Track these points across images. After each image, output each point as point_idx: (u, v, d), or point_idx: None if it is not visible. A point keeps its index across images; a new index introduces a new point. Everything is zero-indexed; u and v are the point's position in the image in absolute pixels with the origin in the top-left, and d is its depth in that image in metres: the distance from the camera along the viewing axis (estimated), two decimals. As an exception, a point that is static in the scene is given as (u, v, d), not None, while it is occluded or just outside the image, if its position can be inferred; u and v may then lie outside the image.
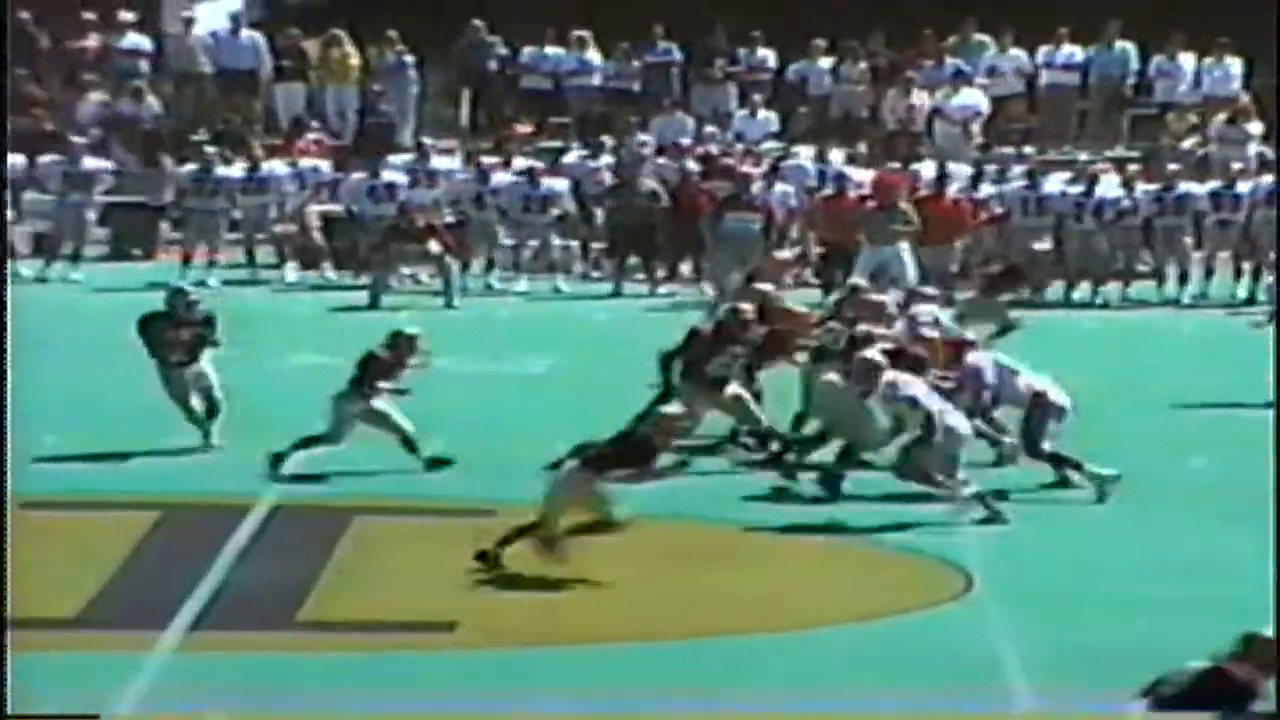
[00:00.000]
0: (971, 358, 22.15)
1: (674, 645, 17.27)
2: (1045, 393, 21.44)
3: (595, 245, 33.86)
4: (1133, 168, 34.17)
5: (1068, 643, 17.16)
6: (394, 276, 32.27)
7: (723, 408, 22.61)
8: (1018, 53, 37.40)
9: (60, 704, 15.03)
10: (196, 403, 22.86)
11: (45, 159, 34.19)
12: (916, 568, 19.37)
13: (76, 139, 35.05)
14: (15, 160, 33.78)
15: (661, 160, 34.51)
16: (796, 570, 19.37)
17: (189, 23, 38.40)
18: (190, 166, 34.14)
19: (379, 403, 21.88)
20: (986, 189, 33.49)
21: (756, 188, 33.07)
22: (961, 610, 18.21)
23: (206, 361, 22.91)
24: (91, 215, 34.15)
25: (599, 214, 33.69)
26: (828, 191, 33.55)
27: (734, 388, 22.65)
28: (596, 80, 37.33)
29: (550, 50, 37.37)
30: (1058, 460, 21.43)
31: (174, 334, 22.82)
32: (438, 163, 34.22)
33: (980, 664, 16.67)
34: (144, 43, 37.64)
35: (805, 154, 34.71)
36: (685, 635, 17.45)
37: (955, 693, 16.16)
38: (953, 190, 33.24)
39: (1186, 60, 36.83)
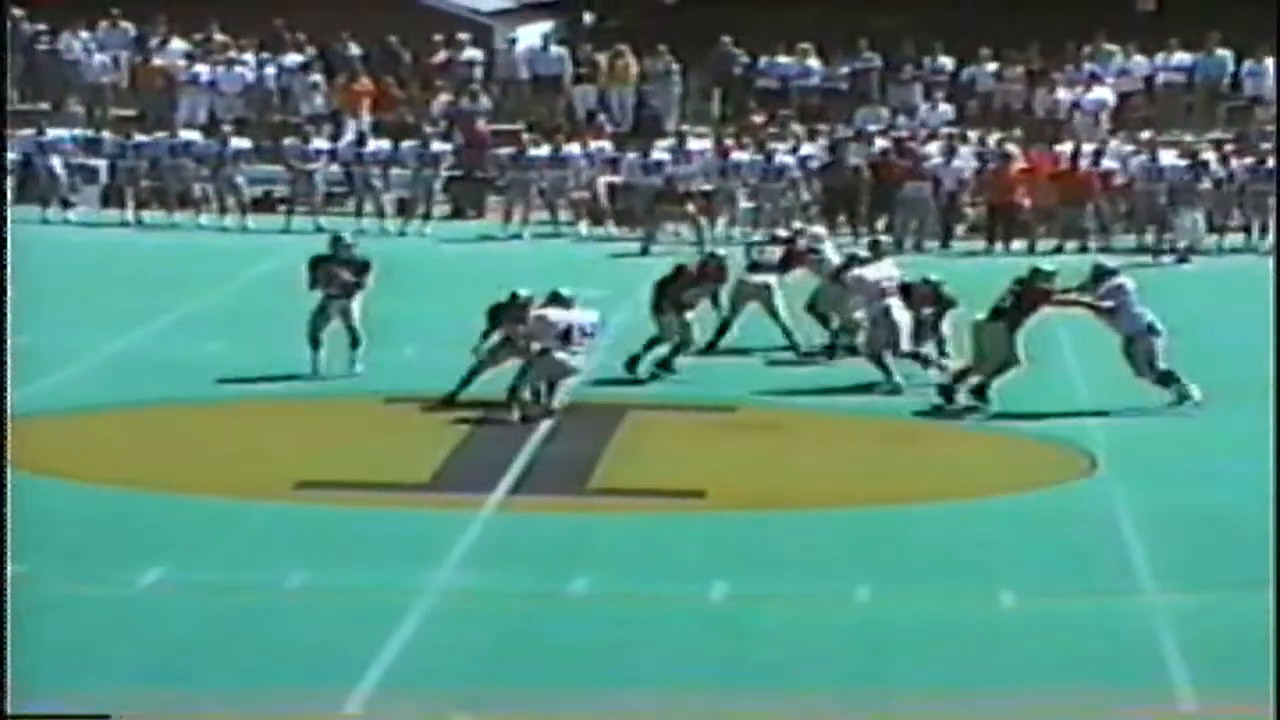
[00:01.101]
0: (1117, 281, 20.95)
1: (877, 510, 17.17)
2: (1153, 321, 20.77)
3: (814, 208, 33.60)
4: (1229, 147, 33.63)
5: (1171, 507, 16.96)
6: (660, 232, 32.27)
7: (673, 326, 21.90)
8: (1139, 59, 36.76)
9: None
10: (331, 333, 21.69)
11: (406, 144, 34.40)
12: (1049, 450, 19.13)
13: (429, 128, 35.25)
14: (384, 144, 34.07)
15: (860, 143, 34.28)
16: (961, 450, 19.20)
17: (512, 41, 38.52)
18: (509, 149, 34.25)
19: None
20: (1108, 163, 33.01)
21: (932, 164, 32.88)
22: (1091, 484, 18.00)
23: (356, 301, 21.76)
24: (438, 185, 34.38)
25: (817, 183, 33.48)
26: (993, 166, 33.19)
27: (693, 314, 22.08)
28: (815, 81, 37.07)
29: (781, 59, 37.15)
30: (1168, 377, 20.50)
31: (335, 271, 21.85)
32: (694, 145, 34.11)
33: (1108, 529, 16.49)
34: (479, 55, 37.73)
35: (974, 137, 34.35)
36: (884, 501, 17.34)
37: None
38: (1084, 165, 32.86)
39: (1269, 63, 36.14)
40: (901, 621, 14.20)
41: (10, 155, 34.60)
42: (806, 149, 33.91)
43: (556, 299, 20.49)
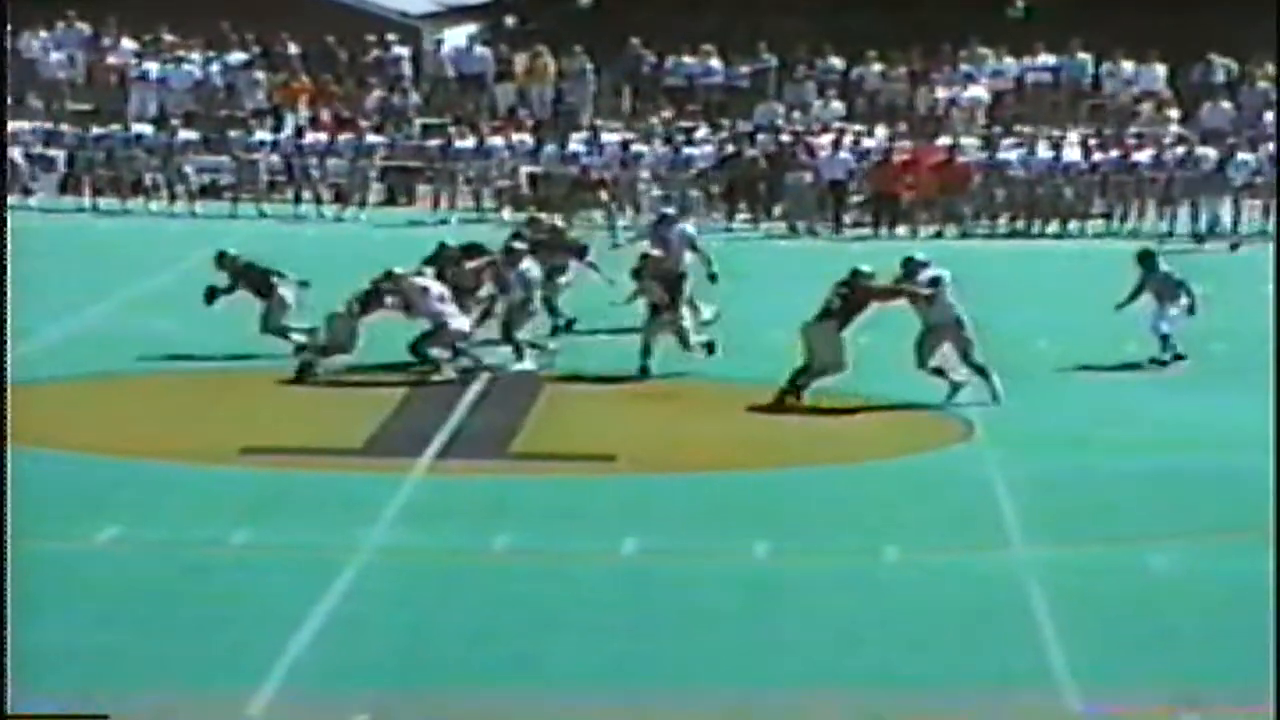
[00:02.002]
0: None
1: (772, 473, 17.21)
2: None
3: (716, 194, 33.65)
4: (1092, 142, 33.87)
5: (1041, 470, 17.05)
6: (575, 217, 32.21)
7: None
8: (1010, 60, 36.92)
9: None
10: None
11: (343, 136, 34.21)
12: (928, 418, 19.17)
13: (363, 122, 35.04)
14: (321, 136, 33.88)
15: (761, 136, 34.33)
16: (847, 418, 19.21)
17: (439, 42, 38.40)
18: (437, 141, 34.12)
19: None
20: (976, 154, 33.30)
21: (821, 156, 33.01)
22: (967, 449, 18.07)
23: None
24: (372, 174, 34.19)
25: (720, 174, 33.53)
26: (877, 158, 33.32)
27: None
28: (718, 80, 37.07)
29: (686, 59, 37.12)
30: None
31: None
32: (606, 138, 34.06)
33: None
34: (408, 54, 37.55)
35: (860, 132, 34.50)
36: (778, 465, 17.38)
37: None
38: (962, 157, 33.04)
39: (1126, 66, 36.36)
40: (795, 575, 14.23)
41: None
42: (707, 144, 33.93)
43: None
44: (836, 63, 36.97)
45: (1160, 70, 36.15)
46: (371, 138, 34.27)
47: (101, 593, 13.44)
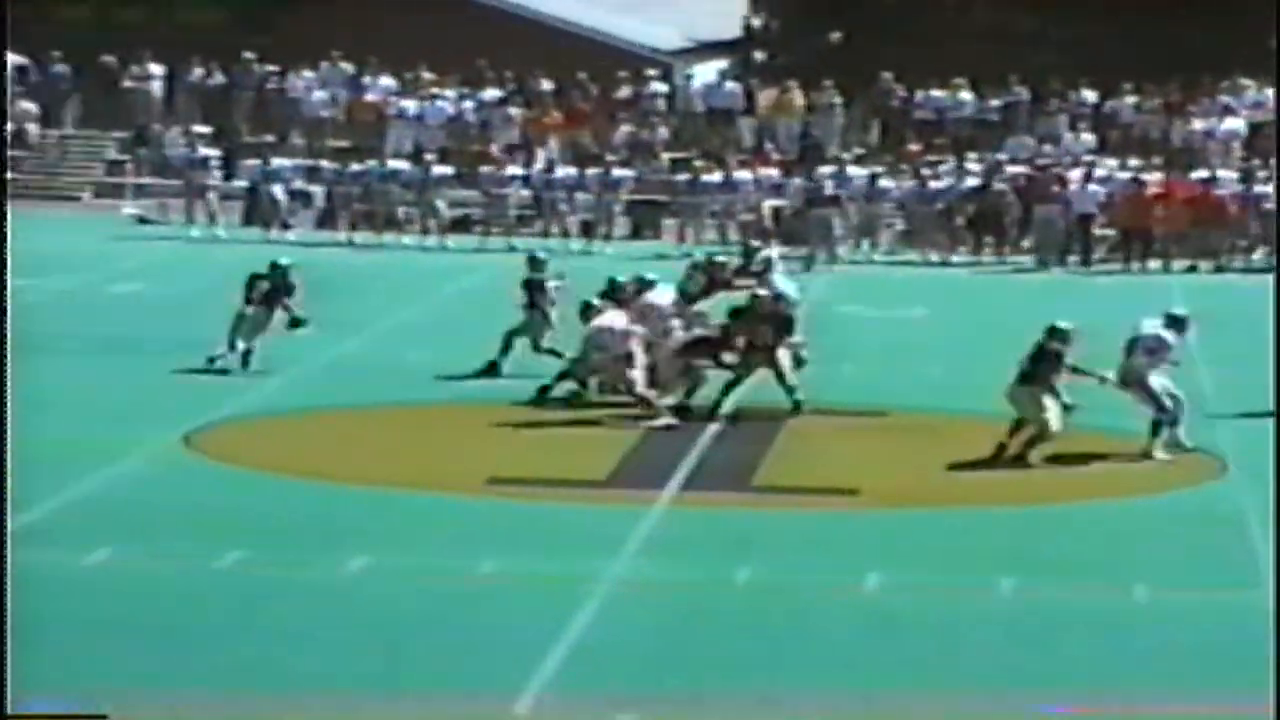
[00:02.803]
0: None
1: (1018, 509, 16.98)
2: None
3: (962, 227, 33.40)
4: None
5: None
6: (819, 251, 32.20)
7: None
8: (1270, 91, 36.12)
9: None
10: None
11: (591, 170, 34.53)
12: (1181, 454, 18.75)
13: (611, 156, 35.32)
14: (570, 170, 34.26)
15: (1010, 169, 34.00)
16: (1092, 455, 18.83)
17: (689, 77, 38.66)
18: (684, 175, 34.33)
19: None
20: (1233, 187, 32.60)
21: (1072, 188, 32.59)
22: (1222, 487, 17.66)
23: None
24: (618, 208, 34.45)
25: (969, 207, 33.26)
26: (1128, 191, 32.80)
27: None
28: (967, 113, 36.80)
29: (936, 93, 36.91)
30: None
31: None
32: (852, 171, 33.97)
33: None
34: (660, 89, 37.83)
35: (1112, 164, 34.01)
36: (1023, 501, 17.15)
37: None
38: (1218, 190, 32.42)
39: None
40: (1042, 612, 14.02)
41: (238, 183, 35.22)
42: (954, 177, 33.72)
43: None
44: (1089, 95, 36.50)
45: None
46: (618, 172, 34.55)
47: (351, 621, 13.66)
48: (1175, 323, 19.14)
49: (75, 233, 32.88)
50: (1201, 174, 33.26)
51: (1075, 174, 33.40)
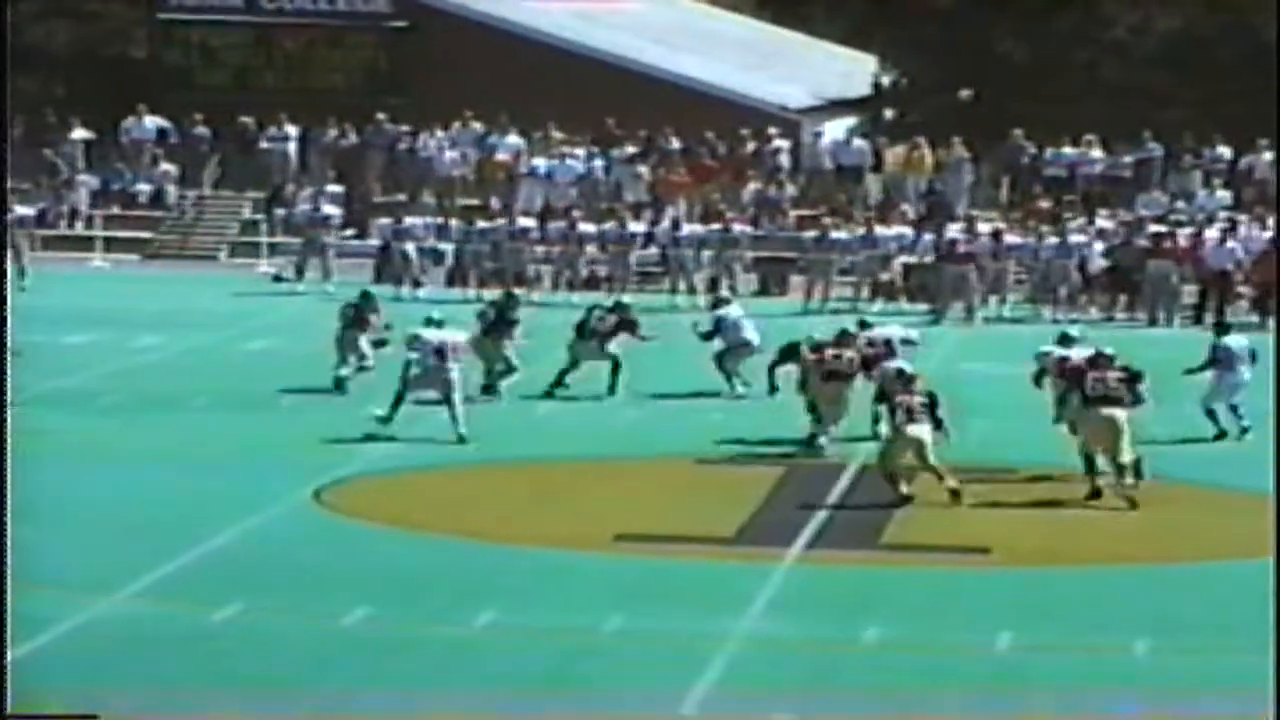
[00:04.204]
0: None
1: (1155, 567, 16.71)
2: None
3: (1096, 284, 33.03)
4: None
5: None
6: (949, 307, 31.98)
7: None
8: None
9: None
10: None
11: (715, 227, 34.53)
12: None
13: (731, 214, 35.25)
14: (697, 227, 34.28)
15: (1146, 226, 33.66)
16: (1221, 513, 18.53)
17: (818, 135, 38.58)
18: (812, 233, 34.26)
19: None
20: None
21: (1208, 246, 32.16)
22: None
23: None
24: (738, 266, 34.34)
25: (1102, 262, 32.93)
26: (1263, 249, 32.33)
27: None
28: (1098, 170, 36.48)
29: (1066, 149, 36.63)
30: None
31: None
32: (981, 228, 33.73)
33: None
34: (786, 146, 37.80)
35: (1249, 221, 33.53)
36: (1161, 559, 16.87)
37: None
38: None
39: None
40: (1177, 674, 13.76)
41: (371, 241, 35.53)
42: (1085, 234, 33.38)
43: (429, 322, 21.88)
44: (1224, 151, 36.06)
45: None
46: (742, 228, 34.51)
47: (479, 677, 13.63)
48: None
49: (210, 291, 33.25)
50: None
51: (1211, 231, 32.95)
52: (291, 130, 38.24)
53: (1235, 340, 22.48)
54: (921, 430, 18.90)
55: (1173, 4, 41.19)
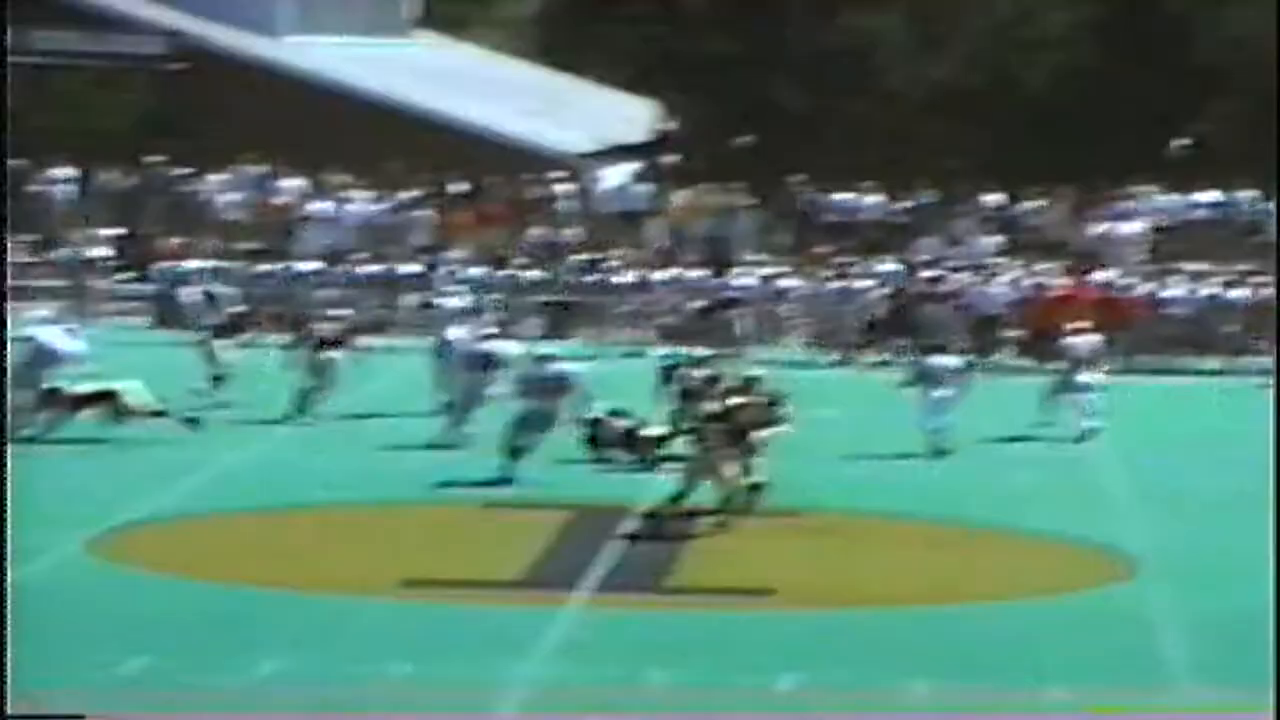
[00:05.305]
0: None
1: (933, 609, 16.96)
2: None
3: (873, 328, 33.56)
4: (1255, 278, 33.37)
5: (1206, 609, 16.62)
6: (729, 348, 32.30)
7: None
8: (1173, 196, 36.59)
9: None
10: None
11: (501, 273, 34.55)
12: (1088, 554, 18.76)
13: (519, 259, 35.28)
14: (478, 270, 34.28)
15: (920, 272, 34.25)
16: (1004, 554, 18.89)
17: (596, 180, 38.83)
18: (594, 276, 34.46)
19: None
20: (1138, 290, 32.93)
21: (978, 290, 32.84)
22: (1129, 588, 17.66)
23: None
24: (528, 309, 34.34)
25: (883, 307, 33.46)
26: (1030, 294, 33.14)
27: None
28: (876, 216, 37.12)
29: (846, 195, 37.22)
30: None
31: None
32: (760, 272, 34.13)
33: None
34: (568, 190, 37.93)
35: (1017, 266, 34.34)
36: (938, 601, 17.14)
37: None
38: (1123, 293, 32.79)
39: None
40: (957, 711, 13.95)
41: (149, 285, 34.99)
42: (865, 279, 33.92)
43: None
44: (996, 199, 36.86)
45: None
46: (528, 273, 34.58)
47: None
48: None
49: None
50: (1103, 276, 33.58)
51: (981, 275, 33.65)
52: (67, 172, 37.61)
53: (940, 359, 23.17)
54: (721, 463, 19.22)
55: (941, 56, 42.06)
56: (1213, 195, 36.47)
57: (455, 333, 25.82)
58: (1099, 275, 33.69)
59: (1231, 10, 40.84)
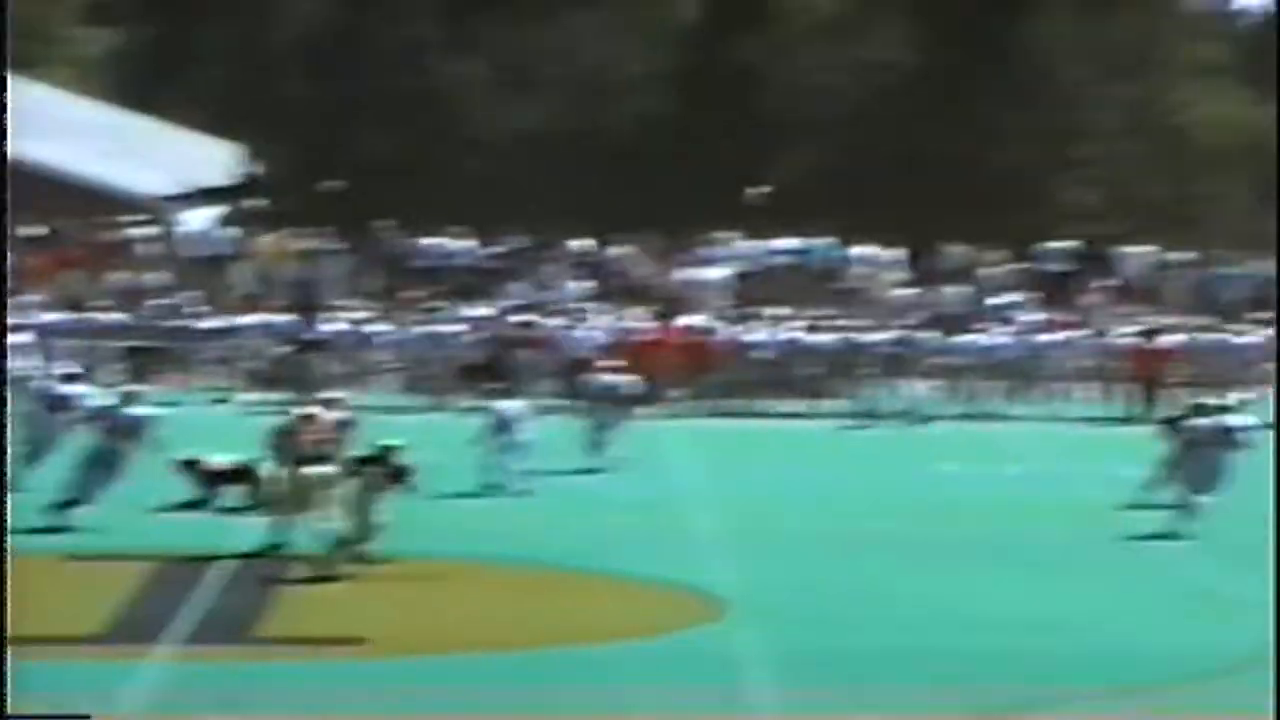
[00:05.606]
0: None
1: (524, 653, 16.96)
2: None
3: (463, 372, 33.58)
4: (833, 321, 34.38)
5: (798, 649, 16.93)
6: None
7: None
8: (753, 243, 37.53)
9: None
10: None
11: (77, 317, 33.59)
12: (677, 596, 18.99)
13: (99, 304, 34.34)
14: (59, 316, 33.21)
15: (510, 317, 34.40)
16: (599, 598, 19.02)
17: (177, 224, 38.13)
18: (179, 321, 33.71)
19: None
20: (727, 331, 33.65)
21: (563, 334, 33.13)
22: (719, 628, 17.91)
23: None
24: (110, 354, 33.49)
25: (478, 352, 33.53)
26: (618, 338, 33.59)
27: None
28: (466, 261, 37.19)
29: (438, 240, 37.22)
30: None
31: None
32: (349, 316, 33.89)
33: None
34: (149, 234, 37.13)
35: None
36: (529, 646, 17.15)
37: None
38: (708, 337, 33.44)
39: (867, 250, 37.20)
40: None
41: None
42: (456, 324, 33.92)
43: None
44: (584, 244, 37.28)
45: (898, 253, 36.98)
46: (110, 316, 33.68)
47: None
48: None
49: None
50: (689, 320, 34.20)
51: (569, 320, 33.96)
52: None
53: (511, 405, 23.74)
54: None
55: (527, 101, 42.42)
56: (791, 242, 37.49)
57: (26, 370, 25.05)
58: (685, 320, 34.32)
59: (801, 64, 42.13)
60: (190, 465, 22.46)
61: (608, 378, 26.86)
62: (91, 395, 23.61)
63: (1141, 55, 41.69)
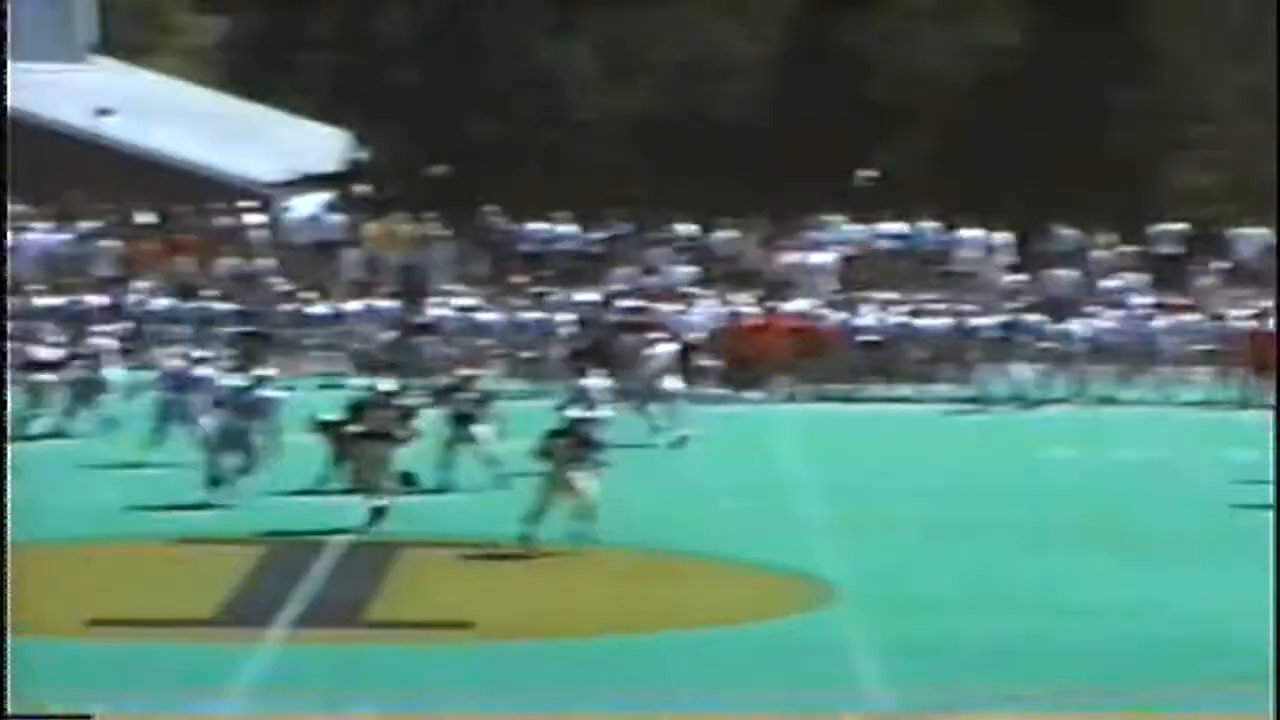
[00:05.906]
0: None
1: (633, 638, 16.99)
2: None
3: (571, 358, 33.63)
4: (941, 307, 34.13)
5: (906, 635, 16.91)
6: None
7: None
8: (858, 226, 37.36)
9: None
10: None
11: (190, 304, 33.96)
12: (787, 582, 18.99)
13: (211, 292, 34.68)
14: (166, 301, 33.56)
15: (616, 301, 34.43)
16: (701, 583, 19.03)
17: (287, 209, 38.40)
18: (289, 306, 34.05)
19: None
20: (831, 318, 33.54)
21: (673, 319, 33.07)
22: (827, 615, 17.89)
23: None
24: (218, 340, 33.78)
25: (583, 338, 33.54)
26: (726, 323, 33.53)
27: None
28: (571, 246, 37.26)
29: (539, 225, 37.31)
30: None
31: None
32: (457, 303, 34.03)
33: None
34: (259, 220, 37.45)
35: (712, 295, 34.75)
36: (638, 631, 17.17)
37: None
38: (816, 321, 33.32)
39: (975, 233, 36.95)
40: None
41: None
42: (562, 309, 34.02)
43: None
44: (688, 229, 37.26)
45: (1006, 237, 36.74)
46: (220, 304, 34.01)
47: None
48: None
49: None
50: (796, 305, 34.12)
51: (677, 304, 33.93)
52: None
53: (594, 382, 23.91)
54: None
55: (631, 86, 42.43)
56: (898, 226, 37.33)
57: (174, 364, 25.46)
58: (792, 304, 34.25)
59: (909, 47, 41.90)
60: (327, 426, 22.65)
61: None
62: (221, 378, 24.03)
63: (1257, 36, 41.17)
